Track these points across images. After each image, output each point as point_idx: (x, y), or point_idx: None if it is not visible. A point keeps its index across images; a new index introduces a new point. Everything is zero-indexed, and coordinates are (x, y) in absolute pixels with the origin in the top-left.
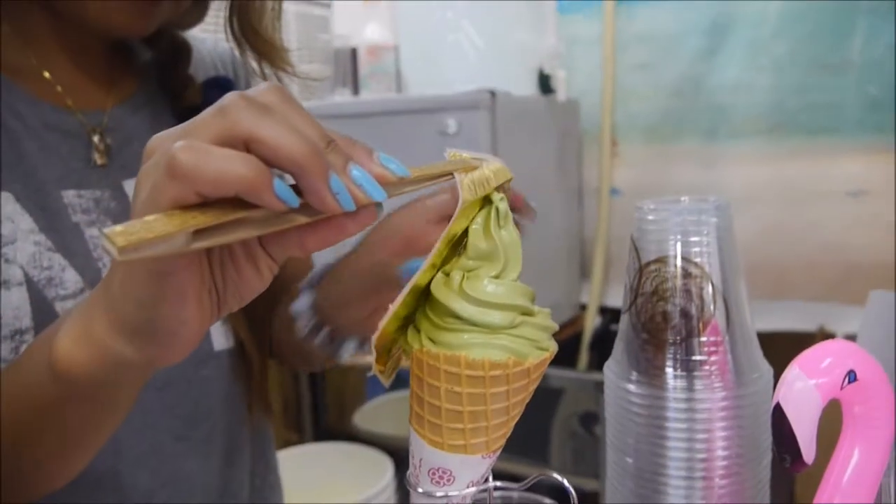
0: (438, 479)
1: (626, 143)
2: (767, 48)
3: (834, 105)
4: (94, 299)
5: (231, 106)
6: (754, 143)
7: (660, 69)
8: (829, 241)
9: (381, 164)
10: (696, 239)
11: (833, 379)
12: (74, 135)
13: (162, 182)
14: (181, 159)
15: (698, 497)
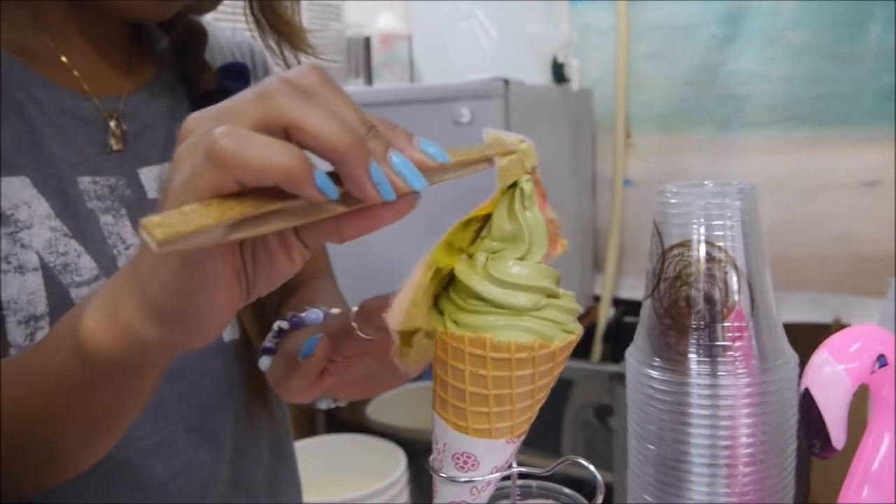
0: (463, 463)
1: (640, 134)
2: (782, 38)
3: (848, 95)
4: (122, 280)
5: (272, 90)
6: (768, 133)
7: (673, 58)
8: (843, 232)
9: (421, 150)
10: (720, 223)
11: (863, 363)
12: (91, 120)
13: (201, 168)
14: (223, 145)
15: (722, 485)
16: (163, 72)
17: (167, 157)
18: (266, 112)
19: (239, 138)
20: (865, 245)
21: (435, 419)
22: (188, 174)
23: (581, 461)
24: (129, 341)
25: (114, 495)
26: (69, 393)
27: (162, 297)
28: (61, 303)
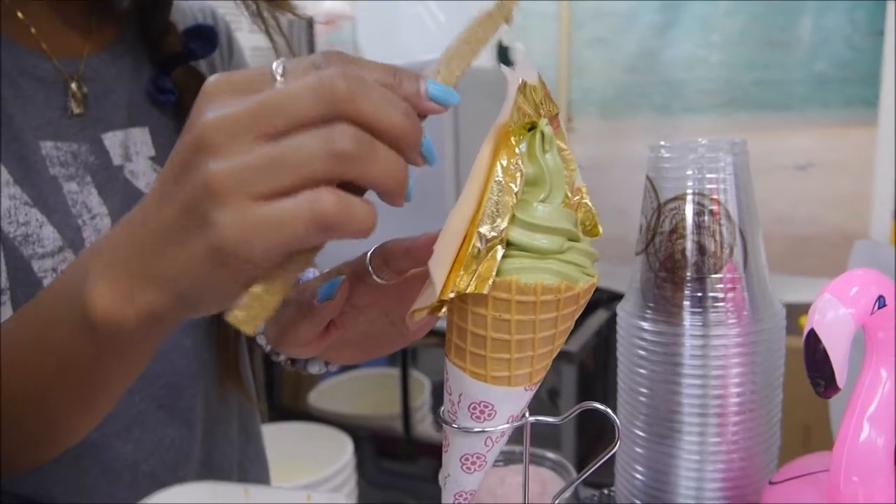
0: (479, 413)
1: (582, 119)
2: (720, 25)
3: (783, 81)
4: (135, 263)
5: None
6: (707, 118)
7: (615, 45)
8: (779, 214)
9: (430, 102)
10: (714, 176)
11: (865, 304)
12: (50, 82)
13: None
14: (329, 211)
15: (712, 434)
16: (125, 33)
17: (131, 122)
18: (319, 109)
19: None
20: (799, 226)
21: (450, 369)
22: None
23: (598, 406)
24: (148, 321)
25: (85, 476)
26: (74, 365)
27: (188, 289)
28: (23, 276)
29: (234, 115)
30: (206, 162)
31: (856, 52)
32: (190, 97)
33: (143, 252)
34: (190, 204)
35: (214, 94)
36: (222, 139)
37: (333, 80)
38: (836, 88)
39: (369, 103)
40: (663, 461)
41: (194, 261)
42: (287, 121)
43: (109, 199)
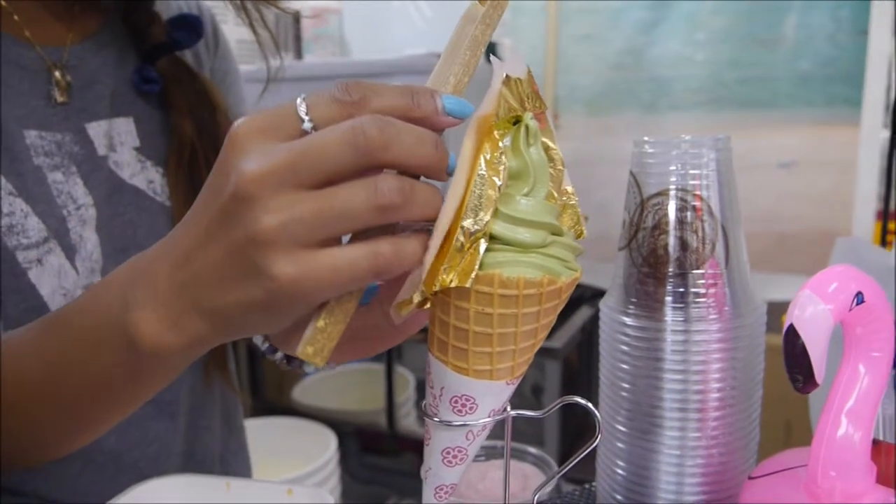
0: (461, 407)
1: (568, 115)
2: (705, 23)
3: (767, 79)
4: (183, 292)
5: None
6: (693, 115)
7: (602, 41)
8: (762, 211)
9: (446, 115)
10: (697, 172)
11: (844, 300)
12: (34, 70)
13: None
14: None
15: (693, 429)
16: (110, 23)
17: (116, 112)
18: (356, 159)
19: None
20: (782, 224)
21: (432, 362)
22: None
23: (579, 400)
24: (194, 347)
25: (68, 467)
26: (111, 384)
27: (246, 327)
28: (8, 267)
29: (272, 167)
30: (252, 215)
31: (840, 51)
32: (175, 87)
33: (192, 288)
34: (241, 253)
35: (244, 140)
36: (264, 192)
37: (366, 130)
38: (820, 87)
39: (403, 147)
40: (644, 456)
41: (249, 303)
42: (327, 172)
43: (94, 190)
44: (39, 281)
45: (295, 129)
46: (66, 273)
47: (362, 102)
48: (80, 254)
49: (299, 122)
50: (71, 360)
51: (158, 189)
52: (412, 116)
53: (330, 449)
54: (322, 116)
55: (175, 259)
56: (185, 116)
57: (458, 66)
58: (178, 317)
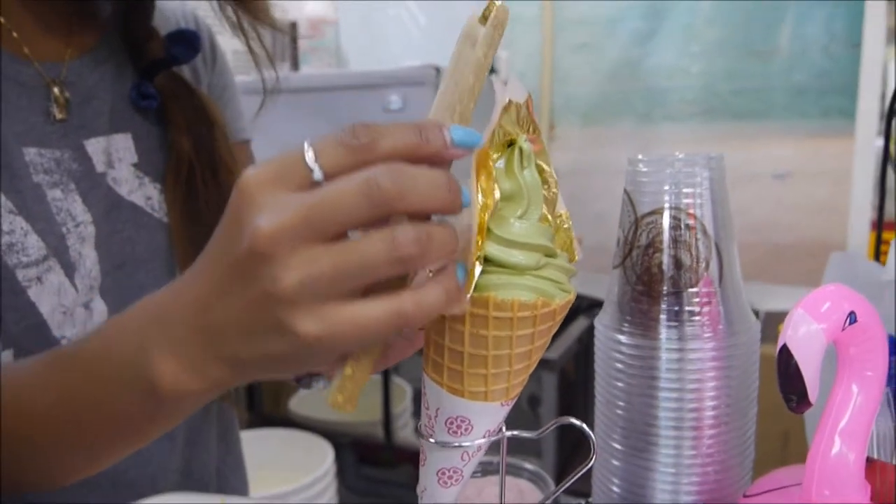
0: (456, 428)
1: (564, 126)
2: (700, 34)
3: (762, 91)
4: (204, 340)
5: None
6: (687, 126)
7: (597, 52)
8: (757, 222)
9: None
10: (690, 190)
11: (837, 320)
12: (32, 87)
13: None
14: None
15: (688, 446)
16: (107, 38)
17: (114, 128)
18: (371, 211)
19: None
20: (777, 234)
21: (427, 384)
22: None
23: (574, 421)
24: (214, 390)
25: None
26: (128, 423)
27: (268, 373)
28: (8, 285)
29: (288, 223)
30: (271, 273)
31: (834, 63)
32: (172, 103)
33: (212, 336)
34: (261, 308)
35: (255, 193)
36: (282, 249)
37: (380, 182)
38: (814, 98)
39: (417, 195)
40: (640, 474)
41: (273, 355)
42: (342, 225)
43: (93, 207)
44: (39, 299)
45: (305, 178)
46: (65, 291)
47: (371, 146)
48: (79, 271)
49: (308, 170)
50: (86, 399)
51: (156, 205)
52: (421, 154)
53: (327, 461)
54: (331, 164)
55: (192, 308)
56: (183, 132)
57: (464, 92)
58: (199, 363)
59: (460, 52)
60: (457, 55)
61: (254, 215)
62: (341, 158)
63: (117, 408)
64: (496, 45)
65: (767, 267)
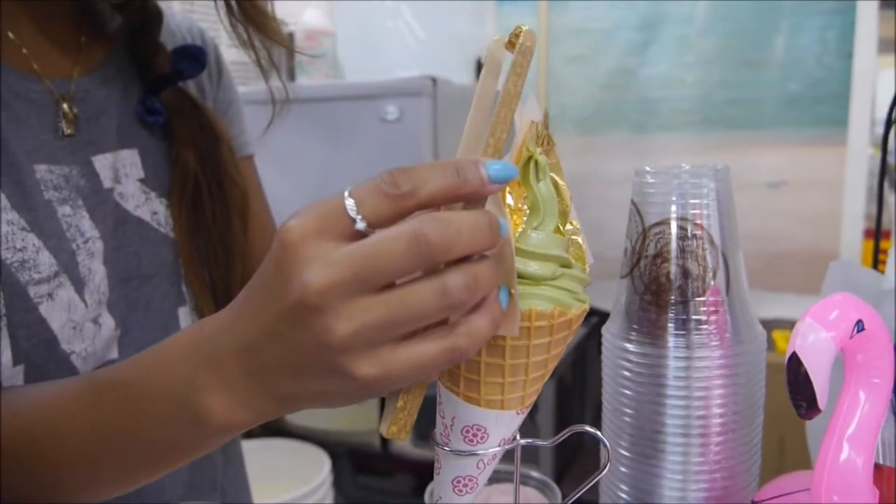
0: (472, 437)
1: (559, 135)
2: (695, 45)
3: (756, 101)
4: (254, 381)
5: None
6: (682, 136)
7: (592, 63)
8: (751, 231)
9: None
10: (697, 201)
11: (845, 328)
12: (42, 104)
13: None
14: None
15: (695, 454)
16: (115, 54)
17: (121, 144)
18: (419, 264)
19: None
20: (771, 243)
21: (443, 393)
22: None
23: (588, 429)
24: (262, 421)
25: None
26: (171, 454)
27: (315, 405)
28: (20, 302)
29: (338, 279)
30: (324, 324)
31: (827, 73)
32: (178, 118)
33: (265, 376)
34: (317, 355)
35: (300, 246)
36: (333, 302)
37: (428, 237)
38: (807, 108)
39: (463, 245)
40: (647, 481)
41: (330, 394)
42: (391, 278)
43: (101, 223)
44: (50, 315)
45: (348, 227)
46: (75, 306)
47: (412, 194)
48: (88, 287)
49: (351, 220)
50: (126, 427)
51: (162, 220)
52: (461, 195)
53: (324, 470)
54: (374, 214)
55: (241, 350)
56: (189, 147)
57: (496, 125)
58: (251, 400)
59: (485, 82)
60: (482, 84)
61: (302, 270)
62: (383, 208)
63: (161, 437)
64: (525, 72)
65: (761, 275)
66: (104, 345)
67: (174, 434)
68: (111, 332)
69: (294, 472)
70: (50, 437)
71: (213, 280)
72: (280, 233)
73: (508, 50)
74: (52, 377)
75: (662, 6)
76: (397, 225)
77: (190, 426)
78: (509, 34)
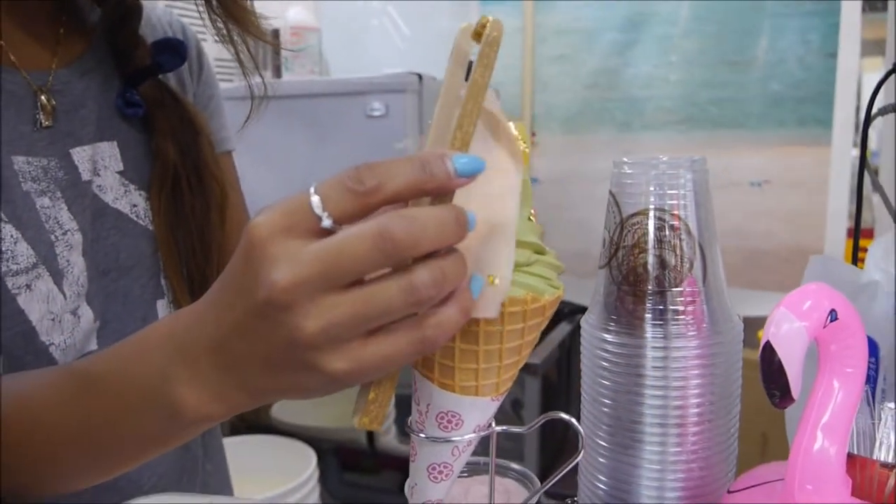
0: (447, 423)
1: (544, 133)
2: (679, 45)
3: (739, 100)
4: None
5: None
6: (666, 135)
7: (577, 62)
8: (735, 229)
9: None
10: (674, 192)
11: (818, 318)
12: (20, 96)
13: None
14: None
15: (672, 444)
16: (94, 47)
17: (100, 137)
18: (385, 261)
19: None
20: (753, 241)
21: (418, 379)
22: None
23: (563, 416)
24: (235, 412)
25: None
26: (147, 444)
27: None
28: None
29: (305, 276)
30: (292, 321)
31: (809, 73)
32: (158, 111)
33: (238, 370)
34: (287, 351)
35: (267, 243)
36: (300, 300)
37: (393, 234)
38: (790, 107)
39: (429, 240)
40: (625, 470)
41: (301, 388)
42: (358, 275)
43: (79, 215)
44: (28, 306)
45: (314, 225)
46: (54, 298)
47: (377, 190)
48: (67, 278)
49: (317, 218)
50: (105, 418)
51: (141, 213)
52: (427, 189)
53: (310, 467)
54: (339, 211)
55: (213, 343)
56: (169, 140)
57: (463, 117)
58: (223, 393)
59: (453, 73)
60: (449, 75)
61: (269, 268)
62: (348, 204)
63: (137, 428)
64: (493, 63)
65: (745, 273)
66: (83, 337)
67: (149, 425)
68: (90, 324)
69: (280, 469)
70: (30, 429)
71: (191, 273)
72: (248, 229)
73: (475, 40)
74: (31, 368)
75: (646, 6)
76: (363, 222)
77: (165, 418)
78: (476, 24)
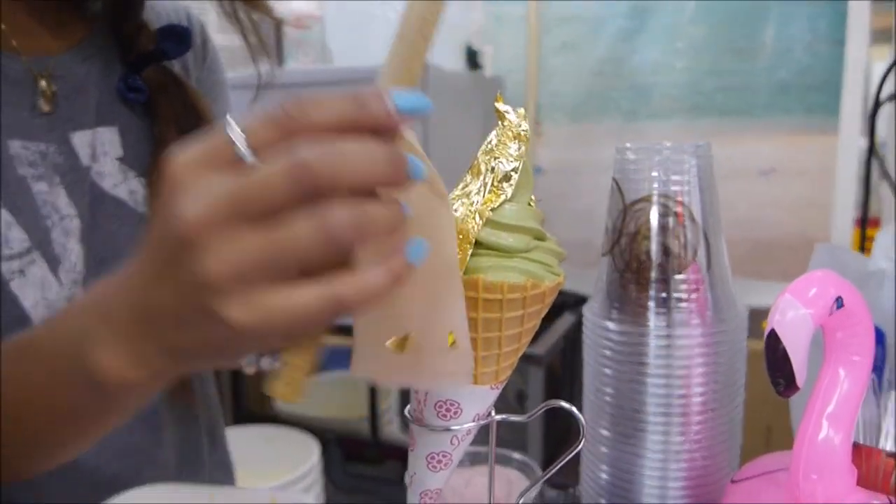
0: (445, 412)
1: (549, 122)
2: (685, 32)
3: (746, 88)
4: (144, 331)
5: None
6: (672, 123)
7: (583, 50)
8: (741, 218)
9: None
10: (678, 178)
11: (824, 305)
12: (20, 81)
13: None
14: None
15: (676, 433)
16: (96, 32)
17: (100, 122)
18: (303, 194)
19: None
20: (760, 230)
21: None
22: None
23: (563, 404)
24: (159, 378)
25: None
26: (79, 413)
27: (210, 361)
28: None
29: (213, 209)
30: (198, 260)
31: (817, 60)
32: (161, 96)
33: (151, 325)
34: (193, 296)
35: (181, 177)
36: (208, 236)
37: (308, 163)
38: (797, 95)
39: (351, 172)
40: (628, 460)
41: (208, 342)
42: (272, 210)
43: (78, 201)
44: (22, 292)
45: (232, 157)
46: (49, 284)
47: (300, 121)
48: (63, 265)
49: (234, 149)
50: (37, 390)
51: (140, 200)
52: (362, 125)
53: (313, 457)
54: (259, 142)
55: (131, 297)
56: (171, 126)
57: (409, 54)
58: (140, 352)
59: (407, 12)
60: (404, 16)
61: (180, 201)
62: (270, 136)
63: (66, 398)
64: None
65: (751, 263)
66: None
67: (76, 394)
68: None
69: (283, 459)
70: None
71: None
72: (166, 164)
73: None
74: None
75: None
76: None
77: (87, 385)
78: None
